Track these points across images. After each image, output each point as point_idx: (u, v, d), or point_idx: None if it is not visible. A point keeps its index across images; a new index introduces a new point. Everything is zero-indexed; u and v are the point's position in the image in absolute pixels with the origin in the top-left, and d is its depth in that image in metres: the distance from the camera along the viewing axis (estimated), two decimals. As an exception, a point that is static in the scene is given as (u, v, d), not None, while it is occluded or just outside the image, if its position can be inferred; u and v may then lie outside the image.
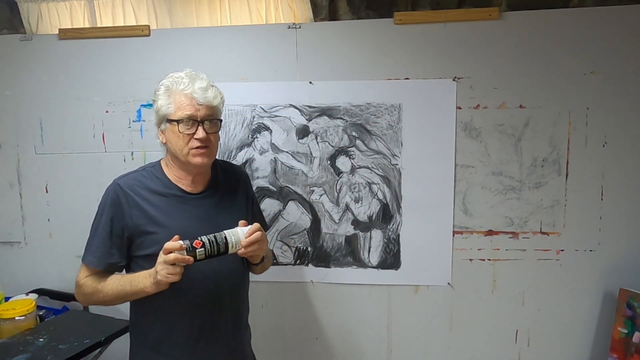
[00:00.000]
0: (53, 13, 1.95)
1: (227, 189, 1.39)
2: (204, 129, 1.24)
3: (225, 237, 1.17)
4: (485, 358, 1.83)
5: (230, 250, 1.18)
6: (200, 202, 1.32)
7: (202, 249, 1.13)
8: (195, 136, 1.24)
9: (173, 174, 1.31)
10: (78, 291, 1.29)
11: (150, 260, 1.23)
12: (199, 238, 1.15)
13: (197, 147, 1.24)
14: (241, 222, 1.23)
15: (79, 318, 1.72)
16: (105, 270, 1.27)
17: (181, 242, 1.12)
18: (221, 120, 1.32)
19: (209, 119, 1.26)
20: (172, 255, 1.11)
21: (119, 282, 1.24)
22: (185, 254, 1.12)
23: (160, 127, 1.29)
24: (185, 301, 1.26)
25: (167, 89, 1.26)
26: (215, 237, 1.16)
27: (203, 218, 1.30)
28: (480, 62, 1.71)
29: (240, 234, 1.20)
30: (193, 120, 1.23)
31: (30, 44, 1.86)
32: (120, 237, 1.25)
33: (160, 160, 1.36)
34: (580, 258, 1.75)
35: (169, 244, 1.12)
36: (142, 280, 1.19)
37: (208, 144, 1.26)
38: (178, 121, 1.23)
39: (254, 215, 1.49)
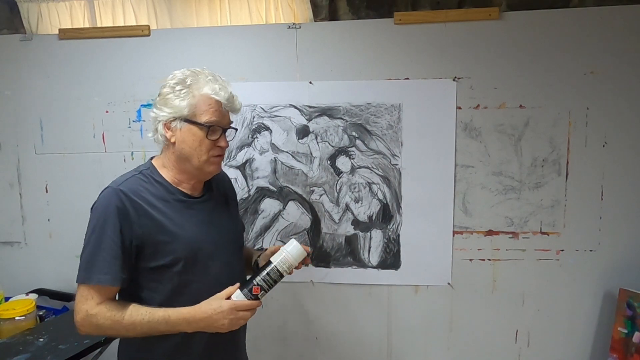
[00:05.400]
0: (53, 13, 1.95)
1: (219, 191, 1.37)
2: (225, 137, 1.23)
3: (278, 271, 1.19)
4: (485, 358, 1.83)
5: (284, 279, 1.20)
6: (203, 206, 1.28)
7: (262, 292, 1.17)
8: (219, 144, 1.21)
9: (173, 176, 1.24)
10: (88, 322, 1.12)
11: (161, 272, 1.17)
12: (255, 282, 1.17)
13: (216, 155, 1.22)
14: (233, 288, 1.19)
15: (79, 318, 1.72)
16: (116, 288, 1.15)
17: (239, 291, 1.16)
18: (236, 129, 1.31)
19: (230, 127, 1.25)
20: (247, 314, 1.16)
21: (149, 320, 1.12)
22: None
23: (172, 125, 1.19)
24: None
25: (193, 88, 1.18)
26: (269, 274, 1.18)
27: (208, 222, 1.26)
28: (480, 62, 1.71)
29: (291, 257, 1.20)
30: (218, 127, 1.20)
31: (30, 44, 1.86)
32: (129, 248, 1.15)
33: (151, 161, 1.27)
34: (580, 258, 1.75)
35: (231, 293, 1.16)
36: (183, 326, 1.14)
37: (224, 152, 1.25)
38: (208, 127, 1.18)
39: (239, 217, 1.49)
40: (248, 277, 1.24)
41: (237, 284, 1.19)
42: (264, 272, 1.18)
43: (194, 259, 1.19)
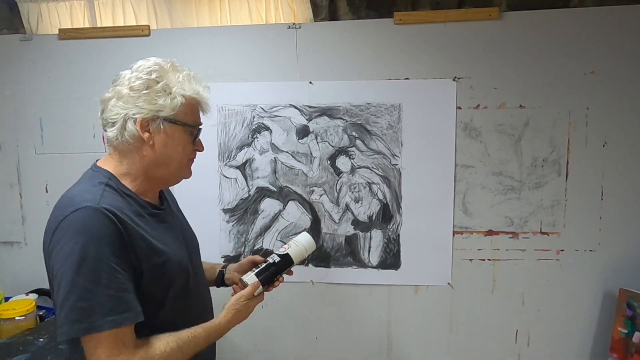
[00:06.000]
0: (53, 13, 1.95)
1: (170, 198, 1.23)
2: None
3: (294, 263, 1.23)
4: (485, 358, 1.83)
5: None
6: (170, 217, 1.14)
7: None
8: (198, 148, 1.12)
9: (137, 185, 1.05)
10: None
11: (156, 301, 1.00)
12: (277, 277, 1.20)
13: (191, 159, 1.12)
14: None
15: (79, 318, 1.72)
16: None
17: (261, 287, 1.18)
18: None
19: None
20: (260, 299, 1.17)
21: (195, 344, 1.02)
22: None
23: (152, 125, 1.02)
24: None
25: (178, 86, 1.04)
26: (288, 268, 1.22)
27: (181, 234, 1.14)
28: (480, 62, 1.71)
29: (304, 249, 1.24)
30: (200, 129, 1.11)
31: (30, 44, 1.86)
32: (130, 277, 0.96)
33: (103, 169, 1.04)
34: (580, 258, 1.75)
35: (252, 292, 1.15)
36: (218, 337, 1.09)
37: None
38: (198, 129, 1.09)
39: None
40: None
41: (258, 282, 1.17)
42: (285, 267, 1.21)
43: (186, 277, 1.08)
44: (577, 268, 1.76)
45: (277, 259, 1.21)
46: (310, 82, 1.78)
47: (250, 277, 1.17)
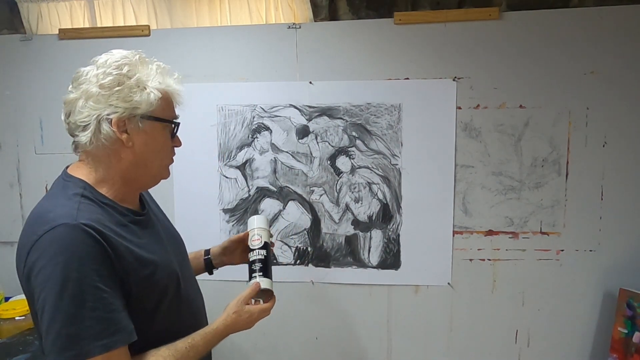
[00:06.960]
0: (53, 13, 1.95)
1: (147, 197, 1.16)
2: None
3: (269, 251, 1.24)
4: (485, 358, 1.83)
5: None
6: (153, 222, 1.07)
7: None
8: (177, 143, 1.06)
9: (115, 192, 0.97)
10: None
11: (146, 315, 0.95)
12: (270, 274, 1.20)
13: (170, 158, 1.06)
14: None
15: (79, 318, 1.72)
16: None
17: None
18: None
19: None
20: (270, 306, 1.15)
21: (195, 353, 0.98)
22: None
23: (129, 125, 0.94)
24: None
25: (154, 80, 0.98)
26: (272, 256, 1.25)
27: (166, 239, 1.07)
28: (480, 62, 1.71)
29: (266, 228, 1.26)
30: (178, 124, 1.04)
31: (30, 44, 1.87)
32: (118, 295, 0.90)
33: (76, 178, 0.96)
34: (580, 258, 1.75)
35: (252, 295, 1.12)
36: (217, 339, 1.05)
37: None
38: (176, 124, 1.02)
39: None
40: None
41: (257, 283, 1.14)
42: (270, 259, 1.23)
43: (177, 283, 1.02)
44: (577, 268, 1.75)
45: (264, 252, 1.21)
46: (310, 82, 1.78)
47: (262, 280, 1.17)
